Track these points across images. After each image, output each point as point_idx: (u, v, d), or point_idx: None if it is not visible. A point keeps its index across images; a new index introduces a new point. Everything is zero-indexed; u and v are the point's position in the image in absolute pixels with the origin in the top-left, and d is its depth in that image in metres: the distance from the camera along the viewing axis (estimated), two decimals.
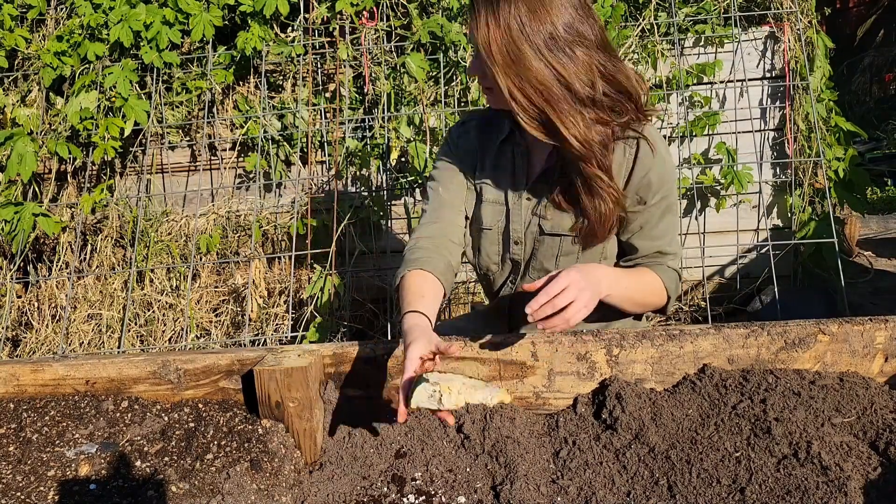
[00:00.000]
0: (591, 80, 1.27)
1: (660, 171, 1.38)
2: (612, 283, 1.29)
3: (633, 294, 1.39)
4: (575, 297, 1.15)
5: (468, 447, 1.16)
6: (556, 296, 1.14)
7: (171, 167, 2.98)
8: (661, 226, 1.42)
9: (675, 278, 1.45)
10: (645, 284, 1.42)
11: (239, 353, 1.26)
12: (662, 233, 1.43)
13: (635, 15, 2.77)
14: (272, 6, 2.65)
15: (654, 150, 1.38)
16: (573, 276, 1.17)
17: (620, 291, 1.33)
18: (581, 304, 1.15)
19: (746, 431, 1.08)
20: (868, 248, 3.72)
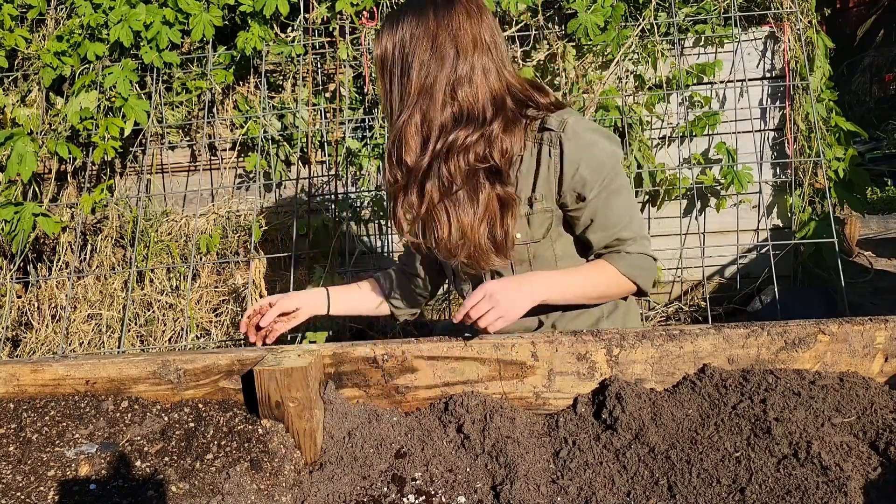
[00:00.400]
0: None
1: (592, 162, 1.38)
2: (550, 287, 1.36)
3: (582, 290, 1.41)
4: (490, 307, 1.27)
5: (468, 447, 1.16)
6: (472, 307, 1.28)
7: (171, 167, 2.98)
8: (611, 214, 1.41)
9: (638, 263, 1.42)
10: (596, 277, 1.42)
11: (239, 353, 1.26)
12: (615, 221, 1.41)
13: (635, 15, 2.77)
14: (272, 6, 2.65)
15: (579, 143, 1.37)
16: (488, 288, 1.30)
17: (561, 292, 1.38)
18: (495, 315, 1.27)
19: (746, 431, 1.08)
20: (868, 248, 3.72)
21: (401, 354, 1.24)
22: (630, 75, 2.79)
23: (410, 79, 1.33)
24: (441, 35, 1.32)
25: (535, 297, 1.34)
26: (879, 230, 4.21)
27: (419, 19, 1.34)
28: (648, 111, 2.76)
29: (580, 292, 1.41)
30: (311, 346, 1.28)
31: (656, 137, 2.85)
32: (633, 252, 1.41)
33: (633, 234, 1.42)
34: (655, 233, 2.90)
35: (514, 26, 2.78)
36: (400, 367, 1.25)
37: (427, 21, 1.33)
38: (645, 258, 1.43)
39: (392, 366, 1.25)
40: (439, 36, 1.32)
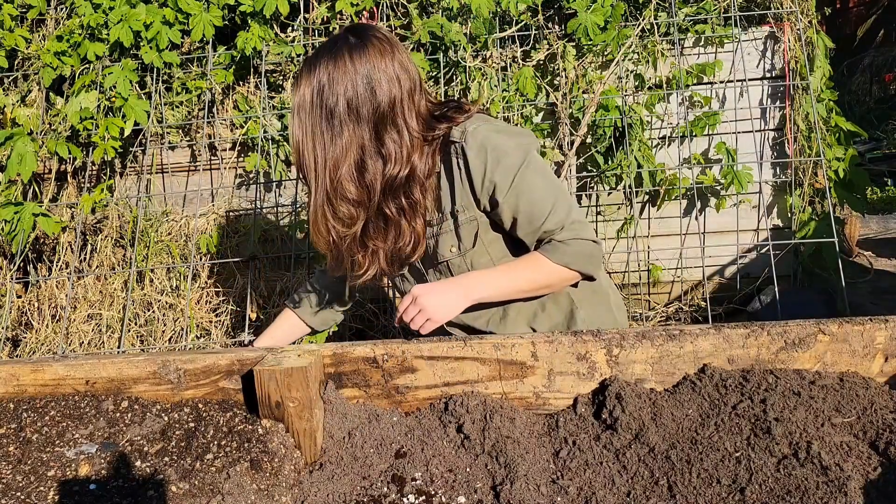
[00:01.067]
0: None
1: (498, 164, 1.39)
2: (484, 285, 1.42)
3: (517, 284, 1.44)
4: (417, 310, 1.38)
5: (468, 447, 1.16)
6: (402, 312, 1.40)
7: (171, 167, 2.98)
8: (531, 209, 1.41)
9: (572, 251, 1.41)
10: (530, 271, 1.43)
11: (239, 353, 1.26)
12: (536, 214, 1.41)
13: (635, 15, 2.77)
14: (272, 6, 2.65)
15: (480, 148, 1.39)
16: (415, 292, 1.40)
17: (496, 289, 1.43)
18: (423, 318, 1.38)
19: (746, 431, 1.08)
20: (868, 248, 3.72)
21: (401, 354, 1.24)
22: (630, 75, 2.79)
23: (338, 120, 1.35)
24: (359, 77, 1.34)
25: (469, 296, 1.41)
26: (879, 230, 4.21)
27: (335, 62, 1.35)
28: (648, 111, 2.76)
29: (517, 286, 1.44)
30: (311, 346, 1.28)
31: (656, 137, 2.85)
32: (564, 240, 1.41)
33: (558, 222, 1.41)
34: (655, 233, 2.90)
35: (514, 26, 2.78)
36: (400, 367, 1.25)
37: (344, 62, 1.35)
38: (580, 243, 1.41)
39: (392, 366, 1.25)
40: (357, 78, 1.34)
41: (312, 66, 1.37)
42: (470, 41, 2.75)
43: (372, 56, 1.35)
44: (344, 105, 1.34)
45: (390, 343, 1.26)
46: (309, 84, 1.37)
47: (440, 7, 2.77)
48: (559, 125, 2.77)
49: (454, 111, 1.45)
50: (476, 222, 1.46)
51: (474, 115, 1.45)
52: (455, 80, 2.78)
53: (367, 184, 1.38)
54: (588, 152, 2.82)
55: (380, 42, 1.37)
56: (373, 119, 1.36)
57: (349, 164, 1.36)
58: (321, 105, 1.36)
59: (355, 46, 1.36)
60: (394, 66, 1.37)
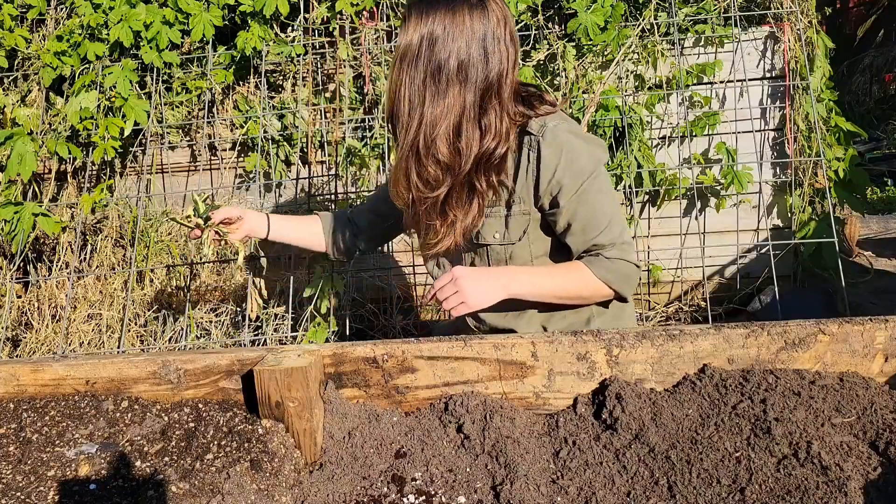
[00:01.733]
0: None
1: (570, 167, 1.37)
2: (523, 282, 1.39)
3: (553, 290, 1.41)
4: (454, 291, 1.35)
5: (468, 447, 1.16)
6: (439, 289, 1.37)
7: (171, 167, 2.98)
8: (589, 219, 1.40)
9: (615, 269, 1.40)
10: (569, 280, 1.41)
11: (239, 353, 1.26)
12: (593, 226, 1.40)
13: (635, 14, 2.77)
14: (272, 6, 2.65)
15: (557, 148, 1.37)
16: (456, 272, 1.37)
17: (530, 289, 1.40)
18: (458, 300, 1.35)
19: (746, 431, 1.08)
20: (868, 248, 3.72)
21: (401, 354, 1.24)
22: (630, 75, 2.79)
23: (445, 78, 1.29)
24: (476, 39, 1.29)
25: (508, 289, 1.38)
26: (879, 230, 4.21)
27: (454, 16, 1.28)
28: (648, 111, 2.76)
29: (553, 291, 1.42)
30: (311, 346, 1.28)
31: (656, 137, 2.85)
32: (611, 258, 1.40)
33: (611, 239, 1.40)
34: (655, 233, 2.90)
35: None
36: (400, 367, 1.25)
37: (462, 19, 1.28)
38: (625, 264, 1.41)
39: (392, 366, 1.25)
40: (474, 40, 1.29)
41: (425, 14, 1.29)
42: None
43: (491, 20, 1.30)
44: (455, 64, 1.28)
45: (390, 343, 1.26)
46: (418, 31, 1.29)
47: None
48: None
49: (537, 100, 1.43)
50: (528, 217, 1.43)
51: (556, 112, 1.43)
52: None
53: (461, 150, 1.33)
54: None
55: (499, 8, 1.32)
56: (480, 86, 1.30)
57: (447, 126, 1.31)
58: (430, 58, 1.28)
59: (475, 6, 1.30)
60: (507, 36, 1.32)
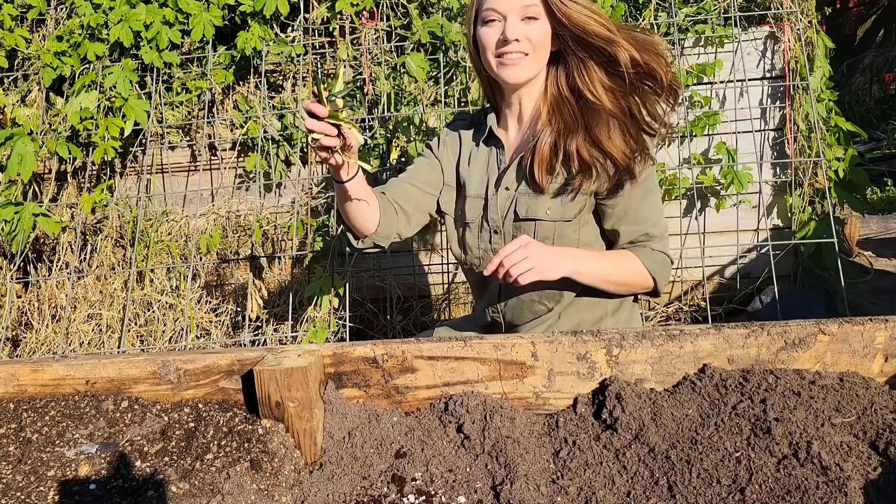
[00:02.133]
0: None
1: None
2: (578, 262, 1.40)
3: (607, 274, 1.44)
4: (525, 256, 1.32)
5: (468, 447, 1.16)
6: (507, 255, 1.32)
7: (171, 167, 2.98)
8: (644, 210, 1.45)
9: (661, 261, 1.46)
10: (622, 265, 1.45)
11: (239, 353, 1.26)
12: (646, 216, 1.45)
13: (635, 15, 2.77)
14: (272, 6, 2.65)
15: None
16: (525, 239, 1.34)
17: (588, 269, 1.41)
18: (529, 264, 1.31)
19: (746, 431, 1.08)
20: (868, 248, 3.72)
21: (401, 354, 1.24)
22: None
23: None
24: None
25: (569, 265, 1.39)
26: (879, 230, 4.21)
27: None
28: None
29: (605, 276, 1.44)
30: (311, 346, 1.28)
31: None
32: (656, 249, 1.46)
33: (659, 233, 1.47)
34: None
35: None
36: (400, 367, 1.25)
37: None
38: (666, 258, 1.47)
39: (392, 366, 1.25)
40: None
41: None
42: None
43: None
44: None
45: (390, 343, 1.26)
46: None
47: (440, 7, 2.77)
48: None
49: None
50: (585, 200, 1.45)
51: None
52: (455, 80, 2.78)
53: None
54: None
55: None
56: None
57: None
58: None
59: None
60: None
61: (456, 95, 2.78)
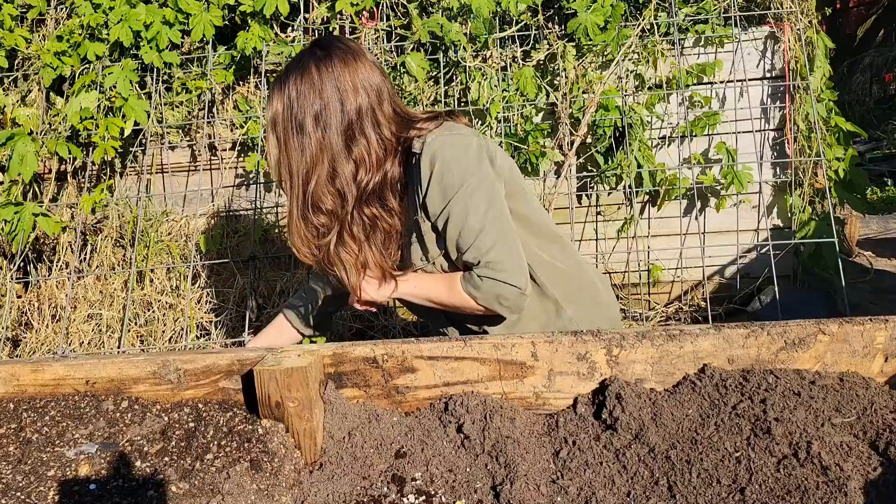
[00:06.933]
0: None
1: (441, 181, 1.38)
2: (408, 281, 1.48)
3: (431, 295, 1.47)
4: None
5: (468, 447, 1.16)
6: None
7: (171, 167, 2.98)
8: (456, 236, 1.40)
9: (482, 286, 1.39)
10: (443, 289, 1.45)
11: (239, 353, 1.26)
12: (461, 243, 1.40)
13: (635, 14, 2.77)
14: (272, 6, 2.65)
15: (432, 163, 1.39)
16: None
17: (412, 290, 1.48)
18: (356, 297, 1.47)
19: (746, 431, 1.08)
20: (868, 248, 3.72)
21: (401, 354, 1.24)
22: (630, 75, 2.79)
23: (308, 132, 1.37)
24: (326, 88, 1.36)
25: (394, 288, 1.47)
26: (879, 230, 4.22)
27: (303, 75, 1.37)
28: (648, 111, 2.76)
29: (430, 296, 1.47)
30: (311, 346, 1.28)
31: (656, 137, 2.85)
32: (481, 276, 1.39)
33: (476, 257, 1.39)
34: (655, 233, 2.90)
35: (514, 26, 2.78)
36: (400, 367, 1.25)
37: (311, 76, 1.36)
38: (492, 283, 1.38)
39: (392, 366, 1.25)
40: (324, 89, 1.36)
41: (282, 83, 1.39)
42: (470, 41, 2.75)
43: (336, 66, 1.37)
44: (312, 117, 1.36)
45: (390, 343, 1.26)
46: (280, 100, 1.39)
47: (440, 7, 2.77)
48: (559, 125, 2.77)
49: (425, 121, 1.45)
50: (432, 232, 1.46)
51: (442, 125, 1.43)
52: (455, 80, 2.78)
53: (340, 192, 1.39)
54: (588, 152, 2.82)
55: (344, 53, 1.39)
56: (342, 128, 1.37)
57: (321, 175, 1.38)
58: (291, 119, 1.37)
59: (321, 58, 1.38)
60: (359, 75, 1.39)
61: (456, 95, 2.78)
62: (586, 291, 1.58)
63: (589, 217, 2.93)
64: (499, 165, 1.46)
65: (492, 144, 1.49)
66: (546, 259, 1.53)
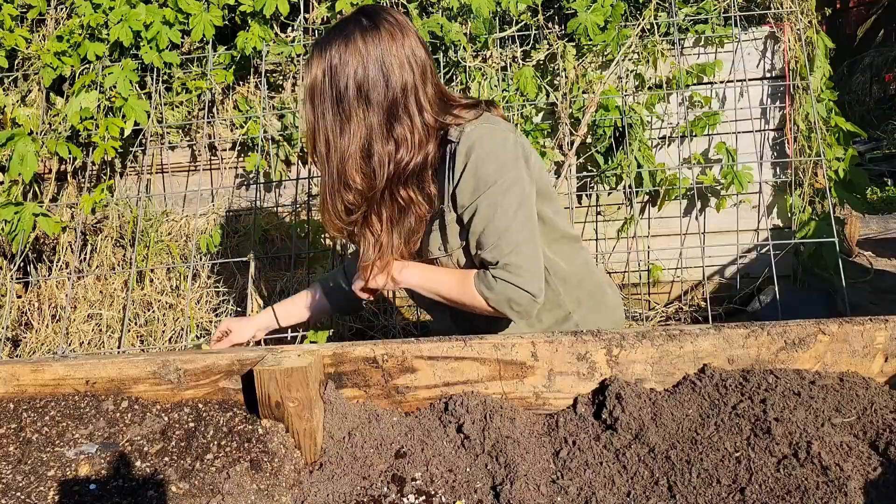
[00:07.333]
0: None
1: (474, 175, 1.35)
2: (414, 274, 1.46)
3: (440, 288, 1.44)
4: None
5: (468, 447, 1.16)
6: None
7: (171, 167, 2.98)
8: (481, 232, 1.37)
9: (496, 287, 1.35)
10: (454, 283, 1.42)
11: (239, 353, 1.26)
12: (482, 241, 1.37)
13: (635, 14, 2.77)
14: (272, 6, 2.65)
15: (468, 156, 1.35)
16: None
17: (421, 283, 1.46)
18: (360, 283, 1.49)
19: (746, 431, 1.08)
20: (868, 248, 3.72)
21: (401, 354, 1.24)
22: (630, 75, 2.79)
23: (347, 104, 1.32)
24: (371, 60, 1.32)
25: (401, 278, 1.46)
26: (879, 230, 4.22)
27: (347, 44, 1.32)
28: (648, 111, 2.76)
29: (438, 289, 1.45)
30: (311, 346, 1.28)
31: (656, 137, 2.85)
32: (497, 277, 1.36)
33: (495, 257, 1.36)
34: (655, 233, 2.90)
35: (514, 26, 2.78)
36: (400, 367, 1.25)
37: (356, 46, 1.32)
38: (508, 286, 1.35)
39: (392, 366, 1.25)
40: (369, 61, 1.32)
41: (324, 49, 1.33)
42: (470, 41, 2.75)
43: (384, 39, 1.32)
44: (354, 89, 1.31)
45: (390, 343, 1.26)
46: (319, 66, 1.33)
47: (440, 7, 2.77)
48: (559, 125, 2.77)
49: (464, 108, 1.42)
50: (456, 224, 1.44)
51: (482, 116, 1.41)
52: (455, 80, 2.78)
53: (374, 171, 1.34)
54: (588, 152, 2.82)
55: (391, 26, 1.34)
56: (384, 104, 1.33)
57: (355, 151, 1.33)
58: (331, 89, 1.32)
59: (367, 29, 1.33)
60: (405, 50, 1.34)
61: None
62: (595, 295, 1.56)
63: (589, 217, 2.93)
64: (532, 164, 1.43)
65: (526, 143, 1.46)
66: (562, 265, 1.51)
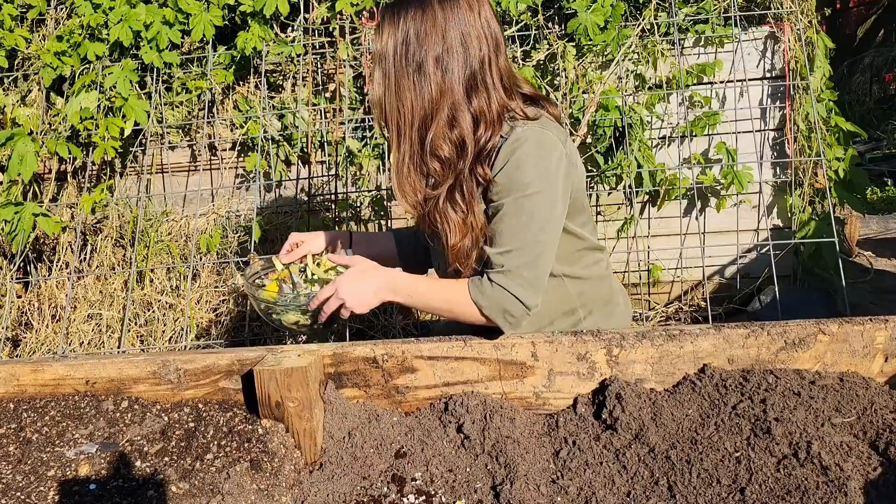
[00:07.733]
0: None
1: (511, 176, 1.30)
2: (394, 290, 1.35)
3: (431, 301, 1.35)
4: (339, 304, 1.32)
5: (468, 447, 1.16)
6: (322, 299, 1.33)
7: (171, 167, 2.98)
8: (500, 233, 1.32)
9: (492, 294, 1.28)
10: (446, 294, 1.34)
11: (239, 353, 1.26)
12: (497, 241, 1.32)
13: (635, 14, 2.77)
14: (272, 6, 2.65)
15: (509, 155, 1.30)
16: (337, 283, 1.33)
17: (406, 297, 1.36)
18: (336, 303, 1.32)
19: (746, 431, 1.08)
20: (868, 248, 3.72)
21: (401, 354, 1.24)
22: (630, 75, 2.79)
23: (427, 77, 1.28)
24: (450, 30, 1.28)
25: (378, 295, 1.34)
26: (879, 230, 4.21)
27: (424, 13, 1.28)
28: (648, 111, 2.76)
29: (429, 303, 1.35)
30: (311, 346, 1.28)
31: (656, 137, 2.85)
32: (494, 282, 1.29)
33: (503, 262, 1.29)
34: (655, 233, 2.90)
35: (514, 26, 2.78)
36: (400, 367, 1.25)
37: (434, 15, 1.28)
38: (505, 294, 1.28)
39: (392, 366, 1.25)
40: (449, 31, 1.28)
41: (397, 16, 1.29)
42: None
43: (462, 9, 1.29)
44: (433, 59, 1.28)
45: (390, 343, 1.26)
46: (393, 34, 1.29)
47: None
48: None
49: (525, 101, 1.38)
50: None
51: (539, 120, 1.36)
52: None
53: (460, 141, 1.31)
54: (588, 152, 2.82)
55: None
56: (464, 75, 1.29)
57: (440, 121, 1.29)
58: (407, 56, 1.28)
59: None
60: (481, 21, 1.31)
61: None
62: (609, 304, 1.54)
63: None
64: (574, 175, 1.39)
65: (574, 152, 1.42)
66: (582, 273, 1.48)
